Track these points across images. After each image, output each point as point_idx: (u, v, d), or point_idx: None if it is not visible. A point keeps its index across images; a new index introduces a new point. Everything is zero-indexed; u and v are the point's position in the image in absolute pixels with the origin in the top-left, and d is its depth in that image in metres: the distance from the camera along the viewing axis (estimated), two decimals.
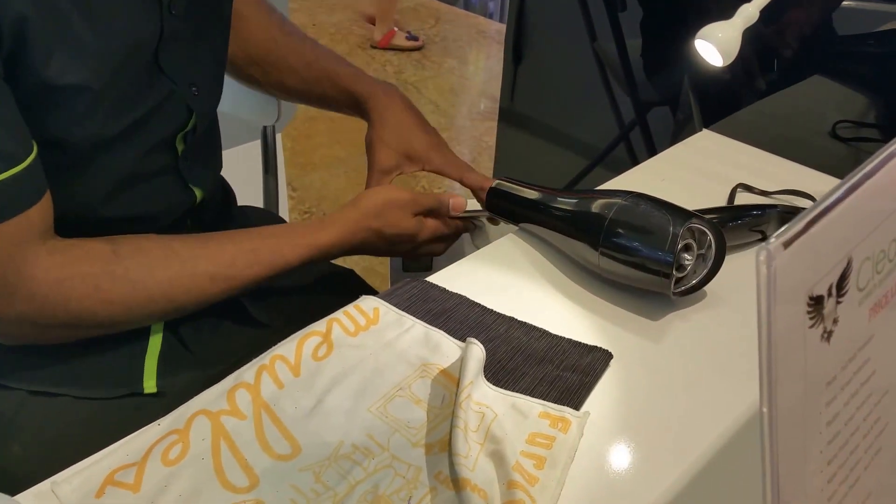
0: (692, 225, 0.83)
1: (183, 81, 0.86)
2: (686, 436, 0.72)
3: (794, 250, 0.35)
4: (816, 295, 0.38)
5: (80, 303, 0.75)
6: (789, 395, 0.38)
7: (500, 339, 0.81)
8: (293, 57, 1.11)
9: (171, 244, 0.82)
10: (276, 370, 0.74)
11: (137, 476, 0.63)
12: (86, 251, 0.77)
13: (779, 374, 0.36)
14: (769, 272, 0.34)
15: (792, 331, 0.37)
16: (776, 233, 0.34)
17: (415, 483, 0.65)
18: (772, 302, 0.34)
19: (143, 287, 0.79)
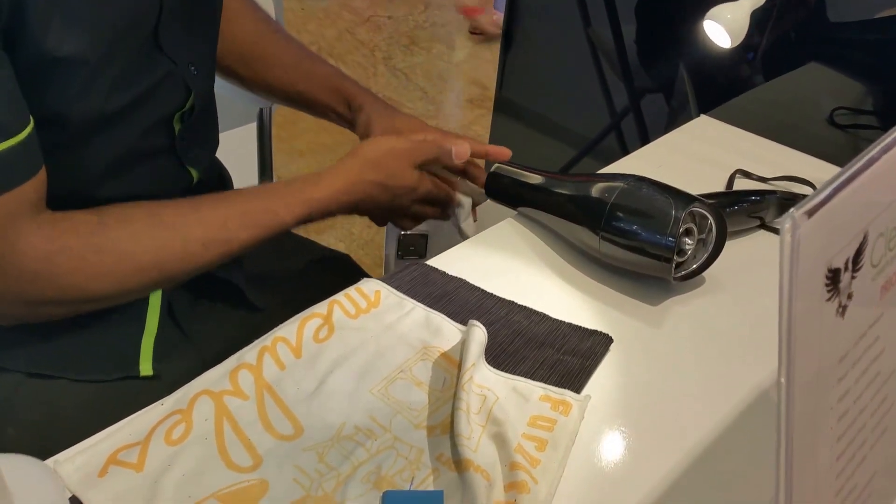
0: (694, 209, 0.83)
1: (182, 60, 0.85)
2: (686, 419, 0.73)
3: (816, 220, 0.35)
4: (835, 267, 0.38)
5: (68, 278, 0.74)
6: (806, 367, 0.38)
7: (501, 323, 0.81)
8: (280, 53, 1.10)
9: (158, 211, 0.80)
10: (277, 351, 0.74)
11: (141, 455, 0.63)
12: (72, 223, 0.76)
13: (798, 345, 0.36)
14: (793, 241, 0.34)
15: (811, 303, 0.37)
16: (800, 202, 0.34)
17: (417, 464, 0.65)
18: (794, 271, 0.34)
19: (130, 258, 0.77)
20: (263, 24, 1.11)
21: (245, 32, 1.08)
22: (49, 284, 0.74)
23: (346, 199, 0.90)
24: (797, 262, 0.35)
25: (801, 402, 0.39)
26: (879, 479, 0.53)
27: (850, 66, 1.45)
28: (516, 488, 0.62)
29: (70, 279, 0.74)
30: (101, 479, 0.61)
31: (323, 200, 0.89)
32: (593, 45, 2.31)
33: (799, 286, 0.35)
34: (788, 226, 0.33)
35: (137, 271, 0.78)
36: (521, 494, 0.62)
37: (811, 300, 0.38)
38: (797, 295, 0.36)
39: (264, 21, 1.11)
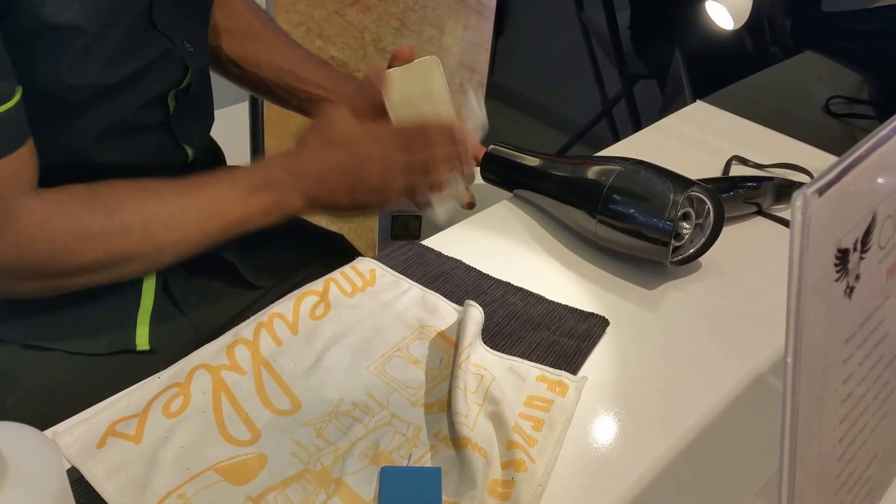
0: (692, 193, 0.83)
1: (178, 38, 0.85)
2: (681, 402, 0.73)
3: (827, 198, 0.35)
4: (844, 247, 0.38)
5: (63, 242, 0.73)
6: (812, 347, 0.38)
7: (497, 304, 0.81)
8: (273, 37, 1.09)
9: (145, 181, 0.80)
10: (274, 328, 0.74)
11: (139, 427, 0.63)
12: (66, 190, 0.75)
13: (806, 324, 0.36)
14: (804, 218, 0.34)
15: (820, 282, 0.37)
16: (812, 180, 0.34)
17: (414, 441, 0.65)
18: (805, 249, 0.34)
19: (118, 218, 0.76)
20: (257, 8, 1.10)
21: (241, 14, 1.07)
22: (45, 251, 0.73)
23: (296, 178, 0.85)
24: (808, 240, 0.35)
25: (806, 382, 0.39)
26: (879, 464, 0.54)
27: (845, 55, 1.46)
28: (513, 466, 0.62)
29: (66, 243, 0.74)
30: (100, 451, 0.61)
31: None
32: (586, 29, 2.30)
33: (809, 264, 0.36)
34: (799, 203, 0.33)
35: (124, 232, 0.76)
36: (518, 473, 0.62)
37: (820, 279, 0.38)
38: (807, 273, 0.36)
39: (257, 8, 1.10)
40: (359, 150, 0.85)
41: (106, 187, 0.77)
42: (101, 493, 0.58)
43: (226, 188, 0.82)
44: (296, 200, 0.84)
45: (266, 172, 0.85)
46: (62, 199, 0.74)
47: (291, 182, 0.84)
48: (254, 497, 0.59)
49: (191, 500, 0.58)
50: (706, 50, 1.57)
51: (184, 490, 0.59)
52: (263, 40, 1.08)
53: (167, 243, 0.80)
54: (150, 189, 0.79)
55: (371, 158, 0.84)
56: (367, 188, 0.85)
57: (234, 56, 1.05)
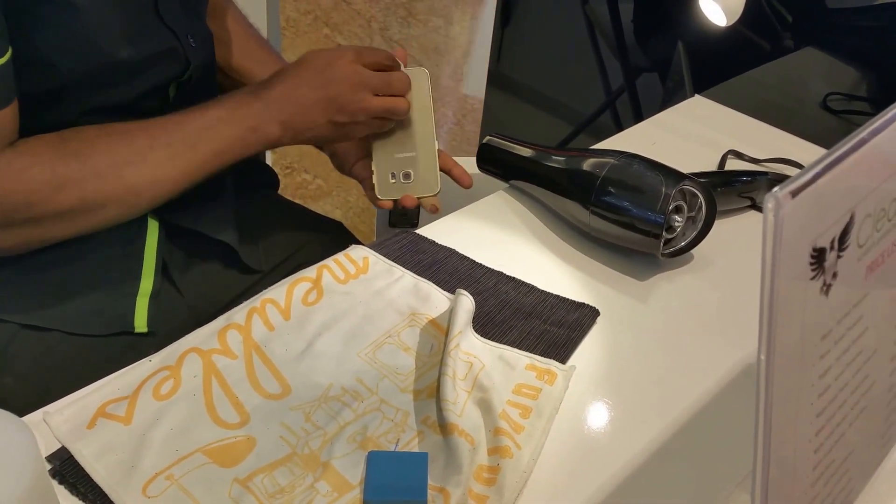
0: (684, 187, 0.83)
1: (182, 32, 0.86)
2: (668, 393, 0.74)
3: (800, 200, 0.35)
4: (819, 247, 0.38)
5: (38, 191, 0.74)
6: (787, 344, 0.39)
7: (489, 293, 0.82)
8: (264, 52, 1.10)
9: (115, 124, 0.80)
10: (266, 313, 0.74)
11: (129, 409, 0.64)
12: (39, 139, 0.76)
13: (779, 322, 0.37)
14: (776, 220, 0.34)
15: (794, 281, 0.38)
16: (785, 182, 0.35)
17: (402, 426, 0.66)
18: (777, 250, 0.35)
19: (90, 164, 0.76)
20: (248, 25, 1.10)
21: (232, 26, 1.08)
22: (21, 200, 0.74)
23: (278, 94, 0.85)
24: (780, 241, 0.35)
25: (780, 378, 0.40)
26: (858, 455, 0.54)
27: (845, 51, 1.45)
28: (500, 453, 0.63)
29: (41, 193, 0.74)
30: (90, 431, 0.62)
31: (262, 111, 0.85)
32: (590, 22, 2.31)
33: (781, 265, 0.36)
34: (771, 205, 0.34)
35: (97, 177, 0.76)
36: (504, 459, 0.63)
37: (794, 278, 0.38)
38: (779, 273, 0.36)
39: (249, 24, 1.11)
40: (327, 69, 0.86)
41: (77, 134, 0.77)
42: (90, 473, 0.59)
43: (196, 122, 0.82)
44: (272, 128, 0.84)
45: (237, 101, 0.84)
46: (35, 149, 0.75)
47: (265, 110, 0.84)
48: (241, 479, 0.60)
49: (179, 480, 0.59)
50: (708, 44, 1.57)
51: (172, 471, 0.60)
52: (254, 53, 1.08)
53: (141, 184, 0.79)
54: (119, 131, 0.79)
55: (341, 74, 0.86)
56: (340, 105, 0.86)
57: (224, 65, 1.06)
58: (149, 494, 0.58)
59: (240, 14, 1.10)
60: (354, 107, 0.87)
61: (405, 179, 0.94)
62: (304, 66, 0.87)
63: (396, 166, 0.94)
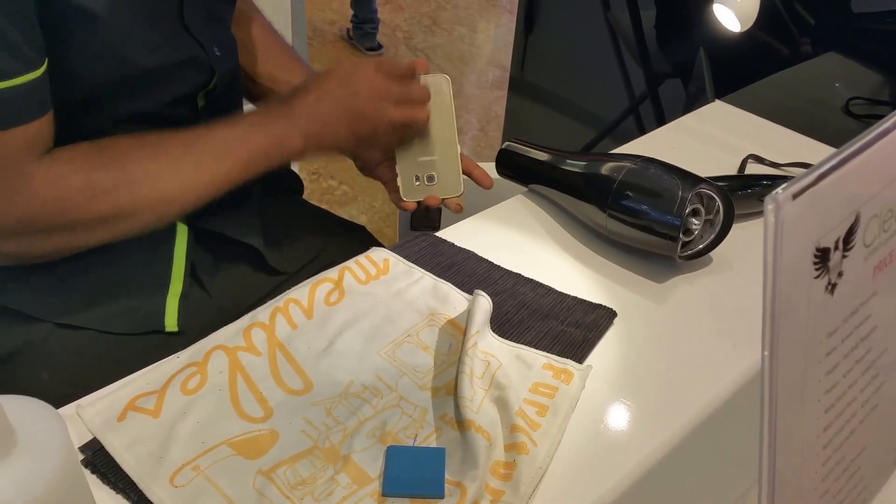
0: (701, 190, 0.84)
1: (207, 42, 0.88)
2: (684, 395, 0.75)
3: (802, 202, 0.36)
4: (823, 247, 0.39)
5: (74, 198, 0.77)
6: (791, 340, 0.40)
7: (507, 294, 0.83)
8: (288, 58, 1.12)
9: (148, 135, 0.82)
10: (289, 312, 0.76)
11: (157, 403, 0.66)
12: (75, 149, 0.79)
13: (781, 319, 0.38)
14: (776, 221, 0.35)
15: (797, 279, 0.39)
16: (785, 183, 0.36)
17: (421, 422, 0.68)
18: (778, 250, 0.36)
19: (124, 172, 0.79)
20: (274, 32, 1.13)
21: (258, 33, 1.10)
22: (57, 207, 0.76)
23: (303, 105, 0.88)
24: (780, 242, 0.36)
25: (784, 374, 0.41)
26: (871, 455, 0.55)
27: (869, 56, 1.45)
28: (516, 449, 0.64)
29: (75, 199, 0.77)
30: (120, 424, 0.64)
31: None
32: (612, 29, 2.31)
33: (783, 265, 0.37)
34: (772, 207, 0.35)
35: (130, 183, 0.79)
36: (520, 455, 0.64)
37: (797, 278, 0.39)
38: (781, 273, 0.37)
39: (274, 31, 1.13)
40: (349, 82, 0.89)
41: (112, 143, 0.80)
42: (120, 464, 0.61)
43: (223, 134, 0.85)
44: (295, 140, 0.87)
45: (262, 116, 0.87)
46: (72, 158, 0.77)
47: (289, 123, 0.87)
48: (264, 471, 0.62)
49: (205, 471, 0.61)
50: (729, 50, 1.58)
51: (198, 462, 0.62)
52: (279, 59, 1.11)
53: (172, 193, 0.82)
54: (153, 141, 0.82)
55: (362, 86, 0.89)
56: (362, 116, 0.89)
57: (250, 72, 1.08)
58: (176, 484, 0.60)
59: (265, 21, 1.13)
60: (375, 118, 0.90)
61: (429, 182, 0.96)
62: (327, 79, 0.90)
63: (420, 169, 0.96)
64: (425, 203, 0.96)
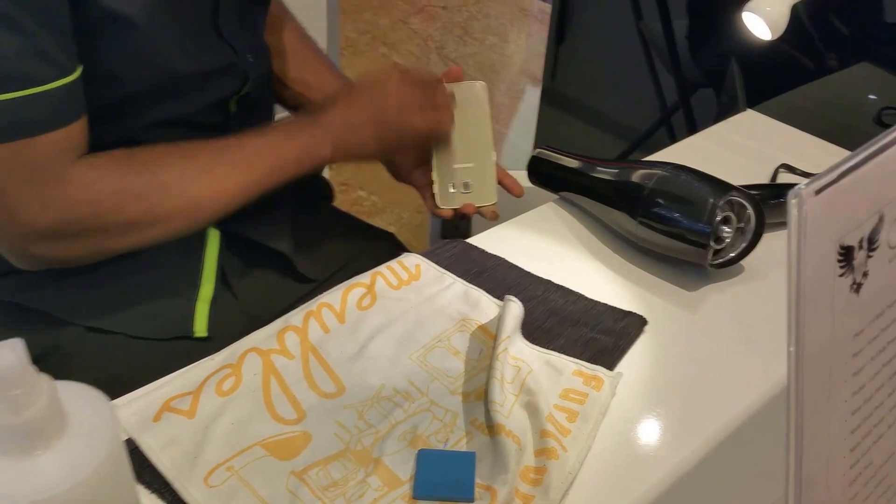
0: (732, 198, 0.84)
1: (241, 48, 0.90)
2: (715, 403, 0.75)
3: (824, 198, 0.37)
4: (847, 245, 0.40)
5: (107, 202, 0.79)
6: (816, 338, 0.40)
7: (538, 300, 0.84)
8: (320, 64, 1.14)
9: (180, 143, 0.85)
10: (322, 316, 0.78)
11: (193, 404, 0.67)
12: (108, 154, 0.81)
13: (807, 315, 0.38)
14: (799, 215, 0.36)
15: (821, 276, 0.39)
16: (811, 179, 0.36)
17: (451, 427, 0.68)
18: (801, 244, 0.36)
19: (156, 178, 0.81)
20: (308, 38, 1.15)
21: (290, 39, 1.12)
22: (91, 210, 0.78)
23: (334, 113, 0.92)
24: (804, 237, 0.37)
25: (811, 372, 0.41)
26: None
27: None
28: (546, 454, 0.65)
29: (108, 203, 0.79)
30: (156, 424, 0.65)
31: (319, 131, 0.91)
32: (644, 38, 2.31)
33: (807, 259, 0.37)
34: (795, 201, 0.36)
35: (162, 189, 0.81)
36: (550, 460, 0.64)
37: (822, 274, 0.40)
38: (805, 267, 0.38)
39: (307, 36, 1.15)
40: (375, 91, 0.93)
41: (144, 150, 0.82)
42: (155, 464, 0.63)
43: (254, 142, 0.87)
44: (324, 149, 0.90)
45: (292, 124, 0.91)
46: (105, 163, 0.80)
47: (317, 131, 0.90)
48: (297, 472, 0.63)
49: (238, 472, 0.62)
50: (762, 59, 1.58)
51: (232, 463, 0.63)
52: (311, 65, 1.12)
53: (203, 198, 0.84)
54: (185, 148, 0.84)
55: (387, 95, 0.93)
56: (388, 124, 0.93)
57: (281, 77, 1.10)
58: (210, 484, 0.61)
59: (298, 27, 1.14)
60: (400, 126, 0.93)
61: (465, 189, 0.97)
62: (355, 90, 0.94)
63: (456, 176, 0.98)
64: (461, 211, 0.97)
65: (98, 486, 0.43)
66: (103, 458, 0.43)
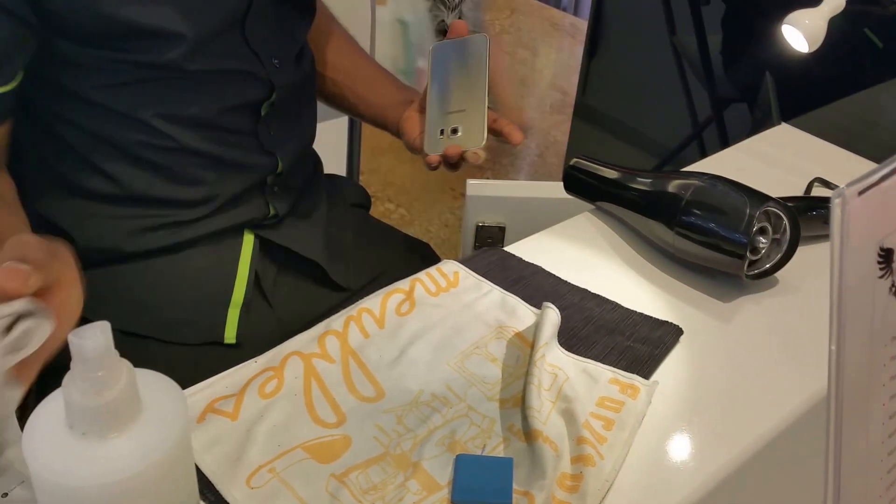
0: (768, 208, 0.85)
1: (266, 54, 0.90)
2: (750, 413, 0.75)
3: (867, 199, 0.37)
4: (887, 247, 0.40)
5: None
6: (856, 338, 0.41)
7: (574, 308, 0.84)
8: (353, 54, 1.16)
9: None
10: (362, 321, 0.79)
11: (236, 406, 0.68)
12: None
13: (847, 315, 0.39)
14: (843, 215, 0.36)
15: (862, 277, 0.40)
16: (853, 180, 0.37)
17: (489, 433, 0.69)
18: (844, 244, 0.37)
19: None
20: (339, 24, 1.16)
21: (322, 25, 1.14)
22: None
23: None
24: (847, 237, 0.38)
25: (850, 372, 0.41)
26: None
27: None
28: (583, 461, 0.65)
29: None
30: (199, 425, 0.67)
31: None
32: (678, 53, 2.32)
33: (849, 259, 0.38)
34: (838, 201, 0.36)
35: None
36: (587, 467, 0.65)
37: (863, 275, 0.40)
38: (847, 267, 0.38)
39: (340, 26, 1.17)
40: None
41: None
42: (198, 464, 0.64)
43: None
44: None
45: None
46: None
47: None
48: (337, 475, 0.64)
49: (280, 474, 0.63)
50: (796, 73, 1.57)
51: (274, 465, 0.64)
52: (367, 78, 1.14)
53: None
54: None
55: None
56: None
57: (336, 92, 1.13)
58: (252, 485, 0.62)
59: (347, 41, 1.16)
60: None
61: (452, 134, 0.95)
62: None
63: (447, 122, 0.96)
64: (447, 155, 0.94)
65: (167, 471, 0.45)
66: (174, 444, 0.45)
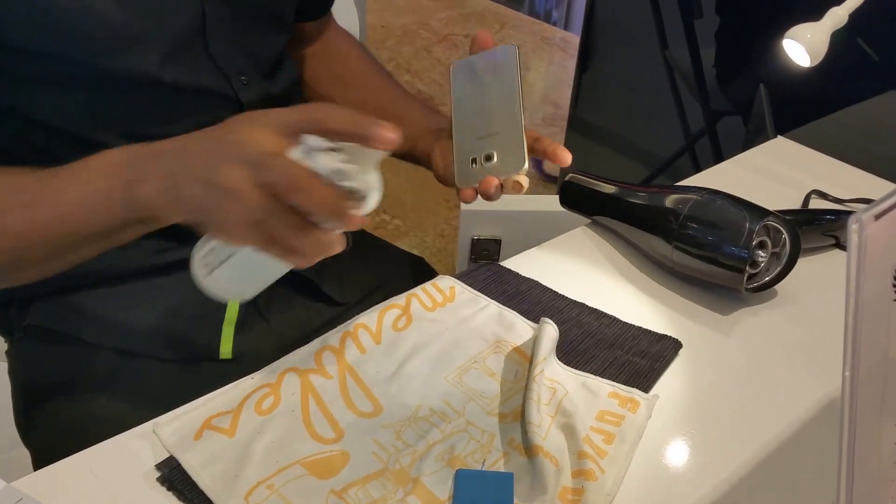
0: (768, 222, 0.84)
1: (234, 72, 0.87)
2: (750, 426, 0.74)
3: (884, 223, 0.37)
4: None
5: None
6: (871, 361, 0.40)
7: (572, 323, 0.84)
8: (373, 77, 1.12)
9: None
10: (359, 337, 0.78)
11: (233, 422, 0.68)
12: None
13: (863, 339, 0.39)
14: (860, 240, 0.36)
15: (877, 300, 0.39)
16: (870, 204, 0.37)
17: (489, 447, 0.68)
18: (861, 268, 0.37)
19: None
20: (359, 47, 1.15)
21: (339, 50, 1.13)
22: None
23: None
24: (863, 261, 0.37)
25: (864, 397, 0.41)
26: None
27: None
28: (584, 476, 0.65)
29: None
30: (196, 442, 0.66)
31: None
32: (670, 66, 2.32)
33: (864, 284, 0.38)
34: (855, 227, 0.36)
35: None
36: (588, 482, 0.64)
37: (878, 299, 0.40)
38: (863, 292, 0.38)
39: (360, 46, 1.15)
40: (224, 131, 0.64)
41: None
42: (196, 481, 0.63)
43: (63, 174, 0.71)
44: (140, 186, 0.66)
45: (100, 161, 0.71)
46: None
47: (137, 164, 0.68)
48: (336, 491, 0.63)
49: (279, 490, 0.63)
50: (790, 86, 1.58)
51: (272, 481, 0.63)
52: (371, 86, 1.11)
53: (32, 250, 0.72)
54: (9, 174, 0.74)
55: (229, 139, 0.62)
56: (188, 174, 0.63)
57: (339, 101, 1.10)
58: (251, 502, 0.61)
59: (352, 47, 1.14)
60: (206, 179, 0.61)
61: (486, 161, 0.82)
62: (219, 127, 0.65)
63: (478, 150, 0.83)
64: (482, 189, 0.82)
65: None
66: None
